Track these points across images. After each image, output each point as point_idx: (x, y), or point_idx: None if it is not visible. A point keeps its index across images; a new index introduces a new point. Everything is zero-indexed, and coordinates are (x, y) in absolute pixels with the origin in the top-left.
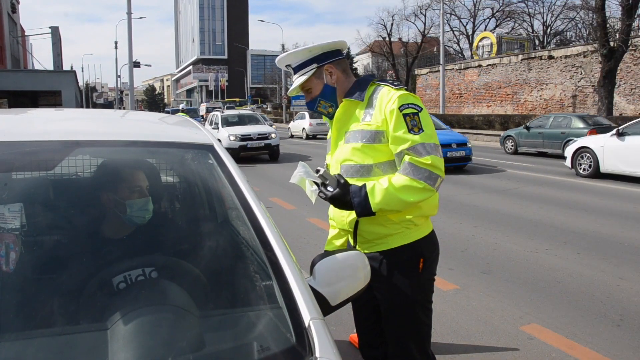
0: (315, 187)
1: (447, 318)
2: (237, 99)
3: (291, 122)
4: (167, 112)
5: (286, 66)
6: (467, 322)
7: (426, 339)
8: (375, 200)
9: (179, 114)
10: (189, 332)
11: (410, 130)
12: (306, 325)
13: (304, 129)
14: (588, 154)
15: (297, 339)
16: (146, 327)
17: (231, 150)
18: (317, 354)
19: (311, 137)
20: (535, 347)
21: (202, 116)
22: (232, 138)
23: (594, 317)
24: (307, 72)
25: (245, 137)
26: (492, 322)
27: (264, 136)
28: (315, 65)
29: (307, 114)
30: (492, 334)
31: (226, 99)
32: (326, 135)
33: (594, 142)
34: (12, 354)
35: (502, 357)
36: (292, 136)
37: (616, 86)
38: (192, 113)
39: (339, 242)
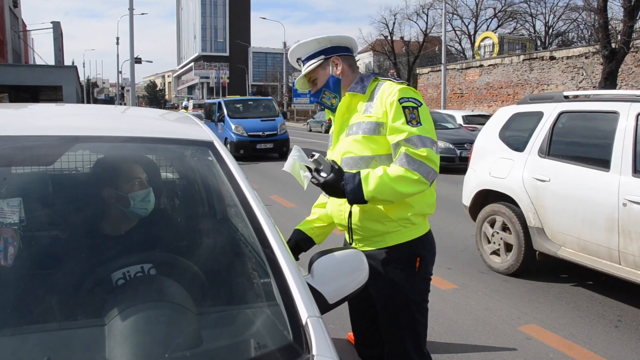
0: (308, 172)
1: (446, 317)
2: (237, 96)
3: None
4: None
5: (297, 60)
6: (466, 321)
7: (422, 338)
8: (368, 187)
9: (181, 110)
10: (187, 328)
11: (408, 122)
12: (303, 323)
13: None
14: None
15: (295, 337)
16: (144, 324)
17: None
18: (314, 351)
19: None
20: (533, 348)
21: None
22: None
23: (592, 317)
24: (314, 62)
25: None
26: (491, 321)
27: None
28: (322, 56)
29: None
30: (490, 333)
31: (227, 96)
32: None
33: None
34: (10, 348)
35: (500, 357)
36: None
37: (617, 87)
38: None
39: None
